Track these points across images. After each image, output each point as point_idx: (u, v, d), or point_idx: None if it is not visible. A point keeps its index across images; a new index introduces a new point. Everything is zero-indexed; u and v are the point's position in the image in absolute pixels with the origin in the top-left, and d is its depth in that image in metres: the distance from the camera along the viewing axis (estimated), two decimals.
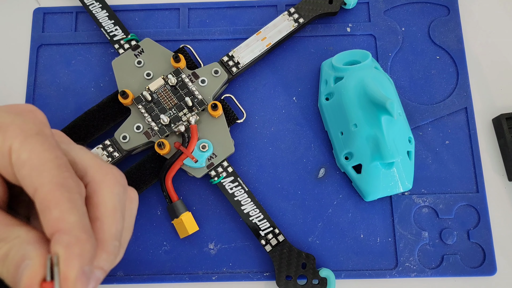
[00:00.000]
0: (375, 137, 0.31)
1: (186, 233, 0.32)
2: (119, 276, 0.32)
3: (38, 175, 0.17)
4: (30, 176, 0.17)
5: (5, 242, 0.17)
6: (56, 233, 0.16)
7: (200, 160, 0.32)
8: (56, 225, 0.16)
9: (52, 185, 0.17)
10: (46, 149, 0.18)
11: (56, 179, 0.17)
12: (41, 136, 0.18)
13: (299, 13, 0.36)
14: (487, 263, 0.32)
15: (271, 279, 0.32)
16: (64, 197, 0.17)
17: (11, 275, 0.16)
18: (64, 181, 0.17)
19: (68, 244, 0.16)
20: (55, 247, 0.16)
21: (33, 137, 0.18)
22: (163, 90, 0.33)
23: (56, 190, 0.17)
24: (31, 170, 0.17)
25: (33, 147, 0.17)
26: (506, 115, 0.35)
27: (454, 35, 0.37)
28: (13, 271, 0.16)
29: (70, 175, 0.18)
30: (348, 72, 0.33)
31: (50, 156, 0.17)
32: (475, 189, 0.34)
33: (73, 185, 0.17)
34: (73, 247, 0.16)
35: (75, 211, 0.17)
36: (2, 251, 0.17)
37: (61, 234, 0.16)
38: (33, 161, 0.17)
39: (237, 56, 0.35)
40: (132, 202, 0.22)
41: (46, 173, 0.17)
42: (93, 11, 0.37)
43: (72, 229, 0.16)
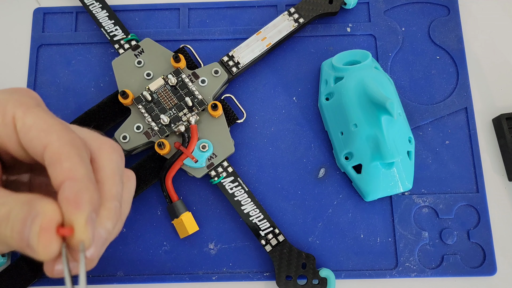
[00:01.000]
0: (375, 137, 0.31)
1: (186, 233, 0.32)
2: (119, 276, 0.32)
3: (47, 134, 0.18)
4: (38, 137, 0.18)
5: (4, 205, 0.17)
6: (66, 180, 0.17)
7: (200, 160, 0.32)
8: (67, 174, 0.17)
9: (62, 141, 0.18)
10: (50, 116, 0.19)
11: (65, 137, 0.18)
12: (41, 107, 0.19)
13: (299, 13, 0.36)
14: (487, 263, 0.32)
15: (271, 279, 0.32)
16: (74, 152, 0.18)
17: (16, 232, 0.16)
18: (72, 139, 0.18)
19: (78, 190, 0.17)
20: (65, 192, 0.17)
21: (34, 107, 0.19)
22: (163, 90, 0.33)
23: (66, 146, 0.18)
24: (39, 131, 0.18)
25: (37, 114, 0.18)
26: (506, 115, 0.35)
27: (454, 35, 0.37)
28: (19, 227, 0.16)
29: (77, 136, 0.19)
30: (348, 72, 0.33)
31: (55, 121, 0.19)
32: (475, 189, 0.34)
33: (81, 144, 0.19)
34: (83, 193, 0.17)
35: (84, 165, 0.18)
36: (2, 212, 0.17)
37: (72, 181, 0.17)
38: (40, 124, 0.18)
39: (237, 56, 0.35)
40: (130, 180, 0.22)
41: (55, 133, 0.18)
42: (93, 11, 0.37)
43: (82, 178, 0.17)
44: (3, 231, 0.17)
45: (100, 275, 0.32)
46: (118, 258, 0.33)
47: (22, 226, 0.16)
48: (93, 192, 0.18)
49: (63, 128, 0.18)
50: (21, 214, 0.17)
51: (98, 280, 0.32)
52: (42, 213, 0.16)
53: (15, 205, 0.17)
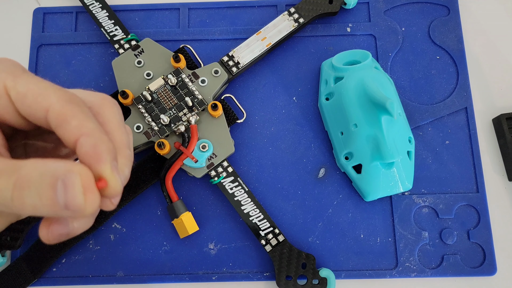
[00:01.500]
0: (375, 137, 0.31)
1: (186, 233, 0.32)
2: (119, 276, 0.32)
3: (44, 98, 0.18)
4: (36, 102, 0.18)
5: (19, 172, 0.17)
6: (80, 137, 0.17)
7: (200, 160, 0.32)
8: (78, 132, 0.17)
9: (63, 101, 0.18)
10: (41, 80, 0.18)
11: (64, 96, 0.18)
12: (28, 72, 0.19)
13: (299, 13, 0.36)
14: (487, 263, 0.32)
15: (271, 279, 0.32)
16: (77, 109, 0.18)
17: (47, 198, 0.16)
18: (71, 98, 0.18)
19: (95, 144, 0.17)
20: (83, 148, 0.17)
21: (22, 74, 0.18)
22: (163, 90, 0.33)
23: (67, 105, 0.18)
24: (36, 97, 0.18)
25: (28, 80, 0.18)
26: (506, 115, 0.35)
27: (454, 35, 0.37)
28: (50, 193, 0.16)
29: (74, 93, 0.18)
30: (348, 72, 0.33)
31: (47, 83, 0.18)
32: (475, 189, 0.34)
33: (80, 100, 0.18)
34: (100, 145, 0.17)
35: (91, 119, 0.18)
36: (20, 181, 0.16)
37: (85, 137, 0.17)
38: (34, 90, 0.18)
39: (237, 56, 0.35)
40: (129, 134, 0.23)
41: (52, 94, 0.18)
42: (93, 11, 0.37)
43: (94, 131, 0.17)
44: (28, 201, 0.16)
45: (100, 275, 0.32)
46: (118, 258, 0.33)
47: (52, 191, 0.16)
48: (108, 142, 0.18)
49: (58, 88, 0.18)
50: (46, 180, 0.16)
51: (98, 280, 0.32)
52: (78, 174, 0.16)
53: (33, 172, 0.17)
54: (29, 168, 0.16)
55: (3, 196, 0.16)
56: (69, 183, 0.16)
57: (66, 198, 0.16)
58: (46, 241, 0.19)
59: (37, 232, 0.32)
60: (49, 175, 0.16)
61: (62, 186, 0.16)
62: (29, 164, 0.17)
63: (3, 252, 0.32)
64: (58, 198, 0.16)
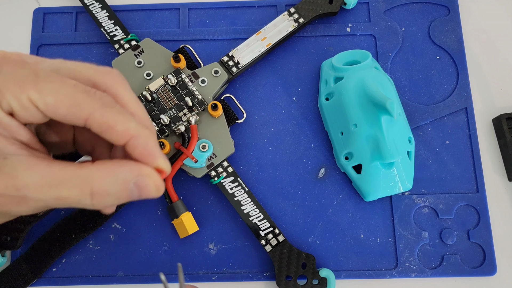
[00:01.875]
0: (375, 137, 0.31)
1: (186, 233, 0.32)
2: (119, 276, 0.32)
3: (80, 109, 0.20)
4: (72, 113, 0.20)
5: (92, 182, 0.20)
6: (129, 140, 0.20)
7: (200, 160, 0.32)
8: (126, 135, 0.20)
9: (99, 109, 0.20)
10: (61, 84, 0.19)
11: (97, 103, 0.20)
12: (43, 73, 0.19)
13: (299, 13, 0.36)
14: (487, 263, 0.32)
15: (271, 279, 0.32)
16: (116, 114, 0.20)
17: (123, 197, 0.21)
18: (104, 101, 0.20)
19: (145, 144, 0.21)
20: (137, 150, 0.21)
21: (40, 80, 0.19)
22: (163, 90, 0.33)
23: (106, 112, 0.20)
24: (69, 108, 0.19)
25: (52, 89, 0.19)
26: (506, 115, 0.35)
27: (454, 35, 0.37)
28: (123, 193, 0.21)
29: (100, 93, 0.20)
30: (348, 72, 0.33)
31: (70, 89, 0.19)
32: (475, 189, 0.34)
33: (110, 100, 0.20)
34: (149, 142, 0.21)
35: (130, 119, 0.20)
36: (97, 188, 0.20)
37: (134, 139, 0.20)
38: (65, 101, 0.19)
39: (237, 56, 0.35)
40: None
41: (84, 104, 0.20)
42: (93, 11, 0.37)
43: (139, 131, 0.20)
44: (108, 203, 0.21)
45: (100, 275, 0.32)
46: (118, 258, 0.33)
47: (127, 192, 0.21)
48: (151, 133, 0.21)
49: (85, 93, 0.20)
50: (120, 186, 0.20)
51: (98, 280, 0.32)
52: (149, 177, 0.21)
53: (106, 184, 0.20)
54: (100, 181, 0.20)
55: (83, 203, 0.20)
56: (143, 185, 0.21)
57: (140, 194, 0.21)
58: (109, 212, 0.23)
59: (37, 232, 0.33)
60: (121, 182, 0.20)
61: (135, 187, 0.21)
62: (98, 176, 0.20)
63: (3, 252, 0.32)
64: (133, 194, 0.21)
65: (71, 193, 0.20)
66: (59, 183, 0.20)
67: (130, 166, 0.21)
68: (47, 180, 0.20)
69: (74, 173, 0.20)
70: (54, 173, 0.20)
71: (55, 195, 0.20)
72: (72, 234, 0.32)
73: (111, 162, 0.21)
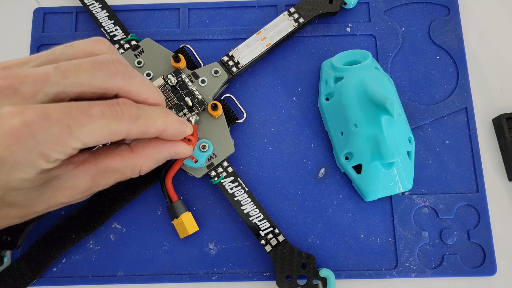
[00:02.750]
0: (375, 137, 0.31)
1: (186, 233, 0.32)
2: (119, 276, 0.32)
3: (117, 135, 0.22)
4: (111, 139, 0.22)
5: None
6: (162, 134, 0.25)
7: (200, 160, 0.32)
8: (159, 132, 0.25)
9: (133, 127, 0.23)
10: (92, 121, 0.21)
11: (130, 123, 0.23)
12: (67, 125, 0.21)
13: (299, 13, 0.36)
14: (487, 263, 0.32)
15: (271, 279, 0.32)
16: (144, 121, 0.23)
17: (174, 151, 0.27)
18: (132, 116, 0.23)
19: (174, 130, 0.26)
20: (169, 137, 0.26)
21: (69, 134, 0.21)
22: (163, 90, 0.33)
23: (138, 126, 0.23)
24: (107, 137, 0.22)
25: (86, 132, 0.21)
26: (506, 115, 0.35)
27: (454, 35, 0.37)
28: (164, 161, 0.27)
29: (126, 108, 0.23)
30: (348, 72, 0.33)
31: (102, 122, 0.21)
32: (475, 189, 0.34)
33: (135, 110, 0.23)
34: (175, 126, 0.26)
35: (155, 117, 0.24)
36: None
37: (166, 131, 0.25)
38: (102, 135, 0.22)
39: (237, 56, 0.35)
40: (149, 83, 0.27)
41: (120, 129, 0.22)
42: (93, 11, 0.37)
43: (166, 124, 0.25)
44: None
45: (100, 275, 0.32)
46: (118, 258, 0.33)
47: (164, 161, 0.27)
48: (171, 115, 0.25)
49: (120, 119, 0.22)
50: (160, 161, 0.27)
51: (98, 280, 0.32)
52: (183, 150, 0.28)
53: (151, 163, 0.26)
54: (146, 164, 0.25)
55: (134, 176, 0.26)
56: (179, 156, 0.27)
57: (175, 157, 0.28)
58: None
59: (37, 232, 0.33)
60: (162, 160, 0.26)
61: (173, 157, 0.27)
62: (142, 162, 0.25)
63: (3, 252, 0.32)
64: (169, 158, 0.27)
65: (124, 176, 0.25)
66: (111, 174, 0.25)
67: (167, 148, 0.26)
68: (101, 175, 0.24)
69: (122, 163, 0.25)
70: (104, 168, 0.24)
71: (111, 181, 0.25)
72: (72, 234, 0.32)
73: (149, 147, 0.25)
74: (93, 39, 0.24)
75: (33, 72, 0.21)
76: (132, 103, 0.23)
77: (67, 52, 0.23)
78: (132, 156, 0.25)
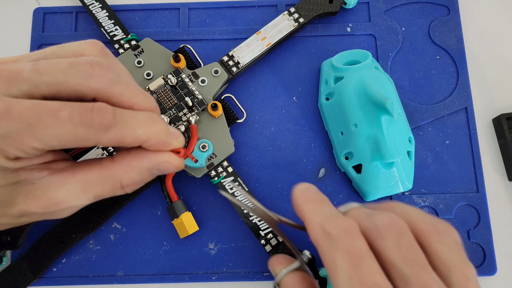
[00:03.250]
0: (375, 137, 0.31)
1: (186, 233, 0.32)
2: (119, 276, 0.32)
3: (85, 142, 0.21)
4: (78, 145, 0.21)
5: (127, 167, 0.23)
6: (142, 144, 0.22)
7: (200, 160, 0.32)
8: (138, 142, 0.22)
9: (104, 136, 0.21)
10: (57, 124, 0.20)
11: (99, 131, 0.21)
12: (28, 123, 0.19)
13: (299, 13, 0.36)
14: (487, 263, 0.32)
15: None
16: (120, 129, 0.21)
17: (148, 179, 0.24)
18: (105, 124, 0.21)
19: (157, 141, 0.23)
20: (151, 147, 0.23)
21: (30, 132, 0.20)
22: (163, 90, 0.33)
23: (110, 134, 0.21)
24: (74, 143, 0.21)
25: (49, 135, 0.20)
26: (506, 115, 0.35)
27: (454, 35, 0.37)
28: (149, 178, 0.24)
29: (97, 114, 0.21)
30: (348, 72, 0.33)
31: (68, 126, 0.20)
32: (475, 189, 0.34)
33: (109, 117, 0.21)
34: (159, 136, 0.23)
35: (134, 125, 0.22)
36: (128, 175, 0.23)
37: (147, 142, 0.22)
38: (67, 140, 0.20)
39: (237, 56, 0.35)
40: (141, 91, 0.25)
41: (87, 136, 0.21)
42: (93, 11, 0.37)
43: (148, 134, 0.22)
44: (137, 187, 0.24)
45: (100, 275, 0.32)
46: (118, 258, 0.33)
47: (151, 176, 0.24)
48: (157, 123, 0.23)
49: (88, 126, 0.20)
50: (145, 175, 0.23)
51: (98, 280, 0.32)
52: (168, 162, 0.24)
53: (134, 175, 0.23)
54: (126, 176, 0.23)
55: (117, 193, 0.23)
56: (164, 169, 0.23)
57: (163, 172, 0.24)
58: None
59: (37, 232, 0.33)
60: (144, 171, 0.23)
61: (157, 171, 0.23)
62: (123, 172, 0.23)
63: (3, 252, 0.32)
64: (157, 174, 0.24)
65: (104, 190, 0.23)
66: (90, 187, 0.22)
67: (148, 157, 0.23)
68: (79, 187, 0.22)
69: (100, 175, 0.22)
70: (81, 179, 0.22)
71: (91, 196, 0.22)
72: (72, 234, 0.32)
73: (130, 156, 0.23)
74: (86, 41, 0.23)
75: (9, 67, 0.20)
76: (108, 109, 0.21)
77: (57, 52, 0.22)
78: (111, 166, 0.23)
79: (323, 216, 0.22)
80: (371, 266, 0.19)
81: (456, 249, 0.20)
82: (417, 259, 0.19)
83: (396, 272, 0.19)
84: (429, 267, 0.19)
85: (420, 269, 0.19)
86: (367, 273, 0.19)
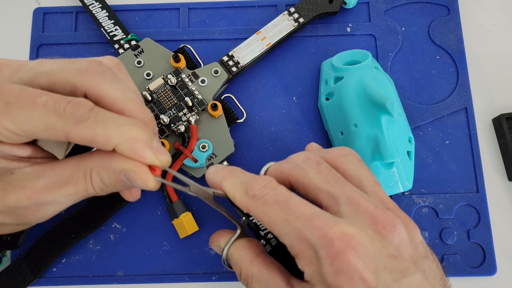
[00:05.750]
0: (375, 137, 0.31)
1: (186, 233, 0.32)
2: (119, 276, 0.32)
3: (55, 131, 0.21)
4: (49, 135, 0.21)
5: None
6: (115, 147, 0.21)
7: (200, 160, 0.32)
8: (110, 144, 0.21)
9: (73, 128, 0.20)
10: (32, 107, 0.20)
11: (69, 122, 0.20)
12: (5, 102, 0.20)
13: (299, 13, 0.36)
14: (487, 263, 0.32)
15: None
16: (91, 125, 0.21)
17: (119, 186, 0.23)
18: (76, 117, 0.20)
19: (130, 148, 0.21)
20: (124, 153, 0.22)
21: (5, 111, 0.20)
22: (163, 90, 0.33)
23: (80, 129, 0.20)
24: (45, 132, 0.20)
25: (22, 116, 0.20)
26: (506, 115, 0.35)
27: (454, 35, 0.37)
28: (118, 184, 0.23)
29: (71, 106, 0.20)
30: (348, 72, 0.33)
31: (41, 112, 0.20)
32: (475, 189, 0.34)
33: (84, 111, 0.21)
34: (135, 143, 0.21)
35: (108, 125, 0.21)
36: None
37: (119, 146, 0.21)
38: (38, 126, 0.20)
39: (237, 56, 0.35)
40: (136, 93, 0.25)
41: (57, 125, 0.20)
42: (93, 11, 0.37)
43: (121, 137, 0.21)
44: (110, 190, 0.23)
45: (100, 275, 0.32)
46: (118, 258, 0.33)
47: (121, 183, 0.22)
48: (138, 131, 0.21)
49: (59, 114, 0.20)
50: (113, 177, 0.22)
51: (98, 280, 0.32)
52: (132, 171, 0.22)
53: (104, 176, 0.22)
54: (97, 169, 0.22)
55: (91, 193, 0.23)
56: (131, 178, 0.22)
57: (133, 184, 0.22)
58: (132, 200, 0.26)
59: (37, 232, 0.33)
60: (112, 172, 0.22)
61: (126, 177, 0.22)
62: (95, 163, 0.22)
63: (3, 252, 0.32)
64: (127, 184, 0.22)
65: (78, 187, 0.22)
66: (66, 180, 0.22)
67: (118, 159, 0.22)
68: (55, 180, 0.22)
69: (76, 168, 0.22)
70: (59, 172, 0.22)
71: (66, 193, 0.22)
72: (72, 234, 0.32)
73: (104, 153, 0.22)
74: (104, 57, 0.24)
75: (20, 60, 0.22)
76: (86, 104, 0.21)
77: (48, 71, 0.22)
78: (81, 164, 0.22)
79: (242, 185, 0.23)
80: (298, 202, 0.22)
81: (361, 165, 0.24)
82: (337, 178, 0.23)
83: (324, 194, 0.22)
84: (348, 182, 0.23)
85: (342, 185, 0.22)
86: (297, 208, 0.21)
